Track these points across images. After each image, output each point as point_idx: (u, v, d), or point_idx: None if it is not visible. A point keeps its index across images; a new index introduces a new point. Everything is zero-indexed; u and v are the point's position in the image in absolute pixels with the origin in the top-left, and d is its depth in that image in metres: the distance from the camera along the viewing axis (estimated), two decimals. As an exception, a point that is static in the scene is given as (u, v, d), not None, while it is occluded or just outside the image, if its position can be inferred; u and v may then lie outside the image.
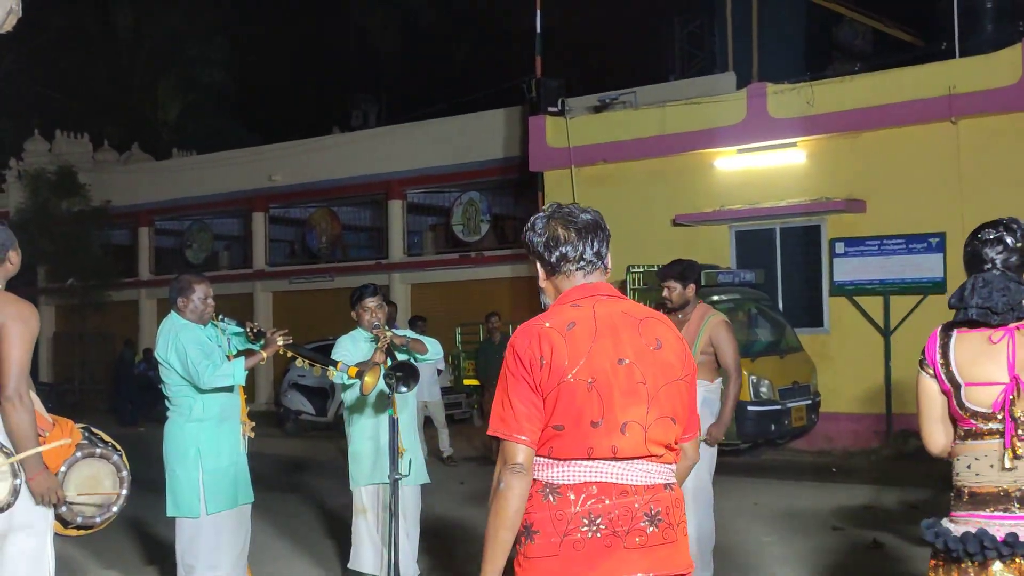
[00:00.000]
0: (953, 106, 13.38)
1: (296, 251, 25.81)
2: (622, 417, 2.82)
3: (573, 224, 3.02)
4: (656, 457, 2.88)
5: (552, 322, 2.88)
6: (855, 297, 14.17)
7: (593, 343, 2.86)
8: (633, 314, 2.99)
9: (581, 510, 2.82)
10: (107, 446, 4.40)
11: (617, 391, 2.83)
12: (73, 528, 4.30)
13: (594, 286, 3.02)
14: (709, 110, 15.39)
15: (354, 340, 6.44)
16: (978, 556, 3.19)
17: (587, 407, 2.81)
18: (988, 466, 3.28)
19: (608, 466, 2.83)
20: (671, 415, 2.90)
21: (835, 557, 7.62)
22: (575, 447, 2.82)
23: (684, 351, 3.00)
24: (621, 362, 2.85)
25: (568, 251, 2.99)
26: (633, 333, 2.91)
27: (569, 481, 2.84)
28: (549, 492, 2.84)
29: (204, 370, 5.39)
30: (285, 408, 18.70)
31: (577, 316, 2.90)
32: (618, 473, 2.83)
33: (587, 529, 2.80)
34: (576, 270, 3.01)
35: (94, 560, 7.92)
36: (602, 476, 2.83)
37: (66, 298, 26.27)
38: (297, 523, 9.45)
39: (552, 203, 3.10)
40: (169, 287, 5.78)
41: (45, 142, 28.88)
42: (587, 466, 2.83)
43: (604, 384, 2.82)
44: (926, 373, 3.40)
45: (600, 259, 3.06)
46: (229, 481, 5.62)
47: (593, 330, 2.88)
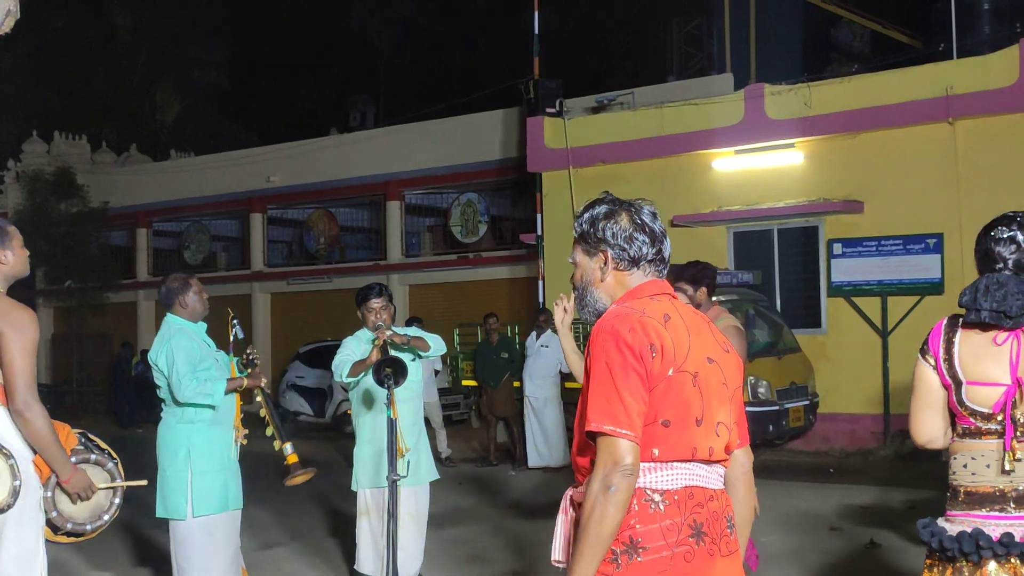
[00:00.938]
0: (950, 107, 13.39)
1: (294, 252, 25.81)
2: (717, 417, 2.71)
3: (647, 222, 2.89)
4: (726, 461, 2.79)
5: (645, 312, 2.69)
6: (853, 298, 14.18)
7: (690, 337, 2.71)
8: (701, 316, 2.88)
9: (688, 518, 2.63)
10: (103, 453, 4.38)
11: (712, 390, 2.71)
12: (63, 535, 4.28)
13: (664, 284, 2.87)
14: (707, 111, 15.40)
15: (358, 340, 6.43)
16: (973, 556, 3.17)
17: (694, 403, 2.65)
18: (985, 466, 3.25)
19: (700, 469, 2.68)
20: (736, 421, 2.81)
21: (833, 557, 7.63)
22: (681, 447, 2.63)
23: (741, 362, 2.93)
24: (709, 360, 2.74)
25: (648, 249, 2.85)
26: (709, 334, 2.80)
27: (674, 486, 2.64)
28: (656, 499, 2.62)
29: (187, 385, 5.38)
30: (283, 409, 18.70)
31: (666, 309, 2.74)
32: (707, 476, 2.70)
33: (695, 539, 2.62)
34: (652, 269, 2.86)
35: (89, 562, 7.92)
36: (698, 480, 2.68)
37: (64, 299, 26.25)
38: (296, 525, 9.45)
39: (607, 193, 2.97)
40: (162, 290, 5.72)
41: (43, 143, 28.87)
42: (686, 469, 2.66)
43: (704, 380, 2.69)
44: (927, 363, 3.35)
45: (665, 263, 2.92)
46: (219, 485, 5.58)
47: (685, 325, 2.74)
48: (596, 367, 2.63)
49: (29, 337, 3.97)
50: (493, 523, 9.43)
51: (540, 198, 17.18)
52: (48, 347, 27.72)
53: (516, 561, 7.84)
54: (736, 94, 15.66)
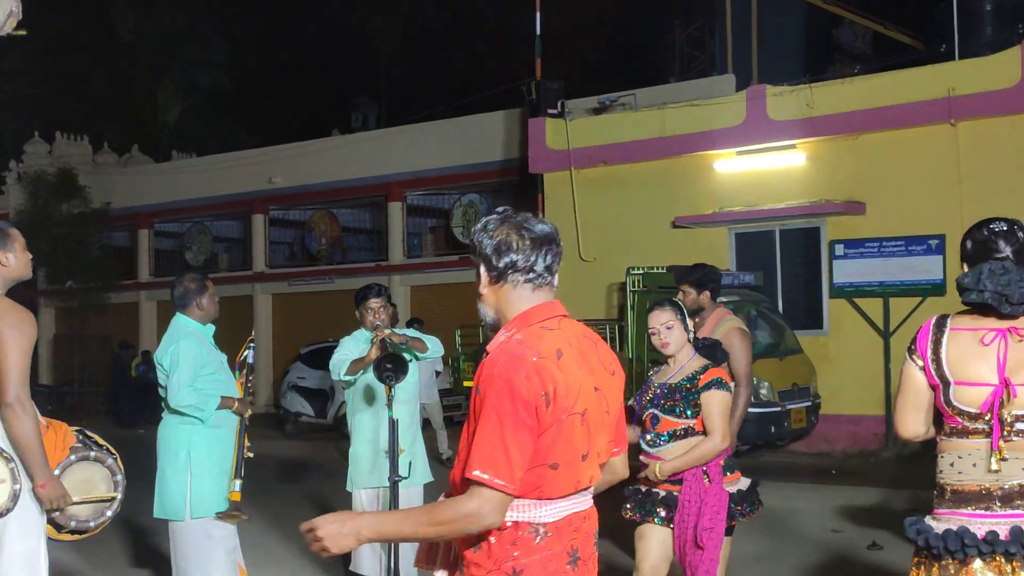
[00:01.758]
0: (952, 108, 13.38)
1: (296, 253, 25.80)
2: (596, 447, 2.70)
3: (528, 232, 2.75)
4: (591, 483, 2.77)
5: (539, 351, 2.61)
6: (855, 299, 14.17)
7: (579, 371, 2.66)
8: (590, 337, 2.81)
9: (566, 547, 2.65)
10: (102, 450, 4.38)
11: (596, 422, 2.69)
12: (67, 533, 4.28)
13: (555, 305, 2.78)
14: (709, 112, 15.39)
15: (356, 341, 6.41)
16: (958, 553, 3.19)
17: (580, 441, 2.63)
18: (971, 465, 3.27)
19: (574, 496, 2.69)
20: (612, 439, 2.81)
21: (834, 559, 7.62)
22: (567, 484, 2.64)
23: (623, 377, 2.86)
24: (596, 390, 2.69)
25: (519, 260, 2.73)
26: (596, 358, 2.75)
27: (556, 518, 2.64)
28: (538, 532, 2.63)
29: (183, 394, 5.38)
30: (285, 410, 18.68)
31: (559, 342, 2.67)
32: (581, 500, 2.71)
33: (571, 566, 2.66)
34: (524, 282, 2.74)
35: (89, 562, 7.91)
36: (575, 507, 2.69)
37: (66, 300, 26.26)
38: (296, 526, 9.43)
39: (506, 207, 2.87)
40: (178, 290, 5.66)
41: (45, 144, 28.88)
42: (568, 501, 2.67)
43: (591, 416, 2.67)
44: (914, 363, 3.35)
45: (551, 275, 2.81)
46: (218, 488, 5.58)
47: (576, 357, 2.68)
48: (486, 413, 2.57)
49: (27, 338, 3.97)
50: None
51: (542, 199, 17.17)
52: (49, 348, 27.73)
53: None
54: (738, 95, 15.66)
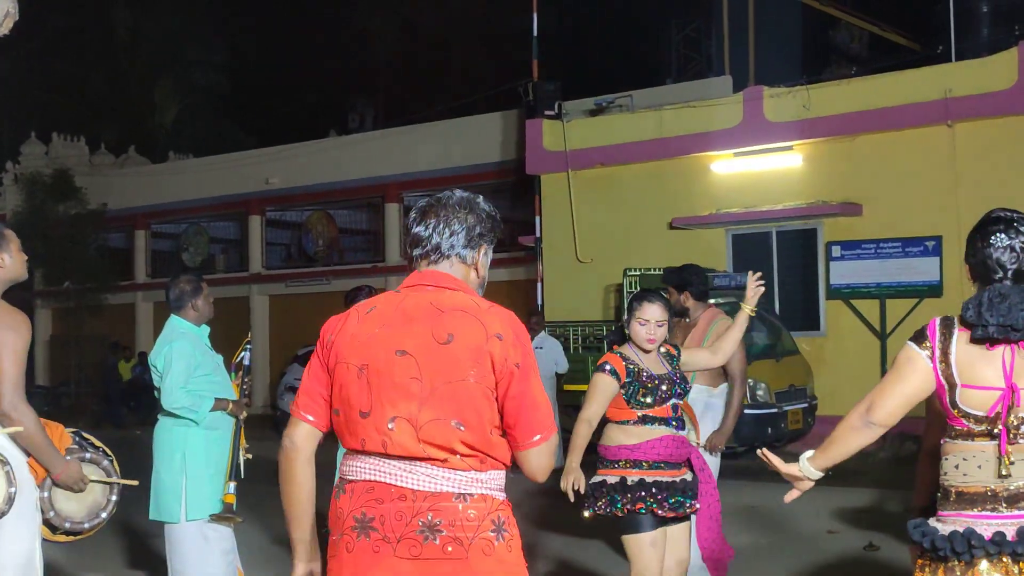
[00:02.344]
0: (949, 110, 13.39)
1: (293, 254, 25.78)
2: (391, 412, 2.61)
3: (432, 208, 2.82)
4: (439, 462, 2.60)
5: (359, 306, 2.77)
6: (851, 300, 14.18)
7: (379, 329, 2.67)
8: (440, 306, 2.67)
9: (354, 508, 2.64)
10: (97, 451, 4.37)
11: (389, 383, 2.62)
12: (61, 534, 4.28)
13: (424, 274, 2.77)
14: (706, 113, 15.40)
15: None
16: (965, 555, 3.14)
17: (356, 395, 2.64)
18: (976, 467, 3.23)
19: (385, 464, 2.63)
20: (454, 417, 2.59)
21: (830, 560, 7.62)
22: (349, 437, 2.69)
23: (482, 351, 2.62)
24: (399, 353, 2.62)
25: (420, 232, 2.80)
26: (427, 325, 2.64)
27: (352, 477, 2.68)
28: (339, 488, 2.72)
29: (177, 396, 5.35)
30: (281, 411, 18.67)
31: (384, 301, 2.75)
32: (397, 474, 2.62)
33: (357, 531, 2.62)
34: (419, 256, 2.79)
35: (85, 564, 7.90)
36: (380, 475, 2.63)
37: (62, 301, 26.23)
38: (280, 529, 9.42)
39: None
40: (173, 291, 5.64)
41: (42, 145, 28.85)
42: (368, 462, 2.65)
43: (375, 373, 2.63)
44: (922, 351, 3.23)
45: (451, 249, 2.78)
46: (214, 490, 5.57)
47: (387, 317, 2.68)
48: None
49: (22, 341, 3.96)
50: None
51: (539, 200, 17.18)
52: (46, 349, 27.70)
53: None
54: (735, 96, 15.68)
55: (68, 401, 24.49)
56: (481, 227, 2.83)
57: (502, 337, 2.63)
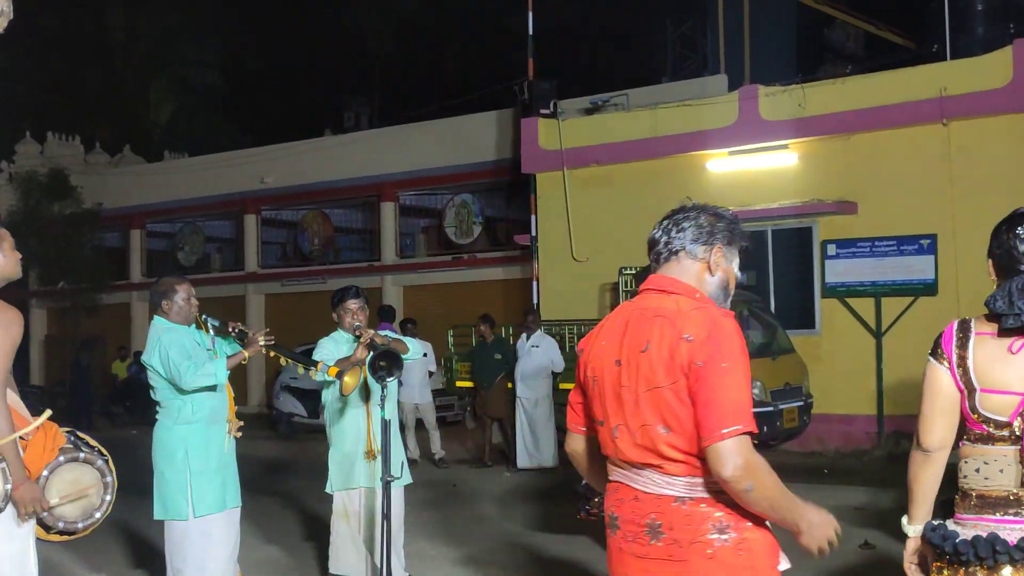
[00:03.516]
0: (944, 108, 13.41)
1: (288, 253, 25.77)
2: (615, 420, 2.79)
3: (669, 215, 2.94)
4: (657, 467, 2.72)
5: (603, 321, 2.97)
6: (847, 299, 14.20)
7: (606, 341, 2.84)
8: (648, 313, 2.78)
9: (608, 505, 2.88)
10: (92, 450, 4.35)
11: (611, 393, 2.79)
12: (55, 533, 4.26)
13: (651, 279, 2.89)
14: (701, 112, 15.42)
15: (335, 342, 6.36)
16: (989, 560, 3.10)
17: (595, 406, 2.87)
18: (998, 471, 3.18)
19: (624, 468, 2.83)
20: (661, 423, 2.69)
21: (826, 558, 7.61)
22: (603, 445, 2.90)
23: (672, 357, 2.70)
24: (616, 363, 2.79)
25: (651, 237, 2.93)
26: (636, 332, 2.76)
27: (612, 478, 2.90)
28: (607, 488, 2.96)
29: (185, 371, 5.38)
30: (277, 411, 18.68)
31: (617, 310, 2.92)
32: (632, 477, 2.80)
33: (610, 528, 2.87)
34: (652, 260, 2.92)
35: (82, 564, 7.90)
36: (622, 477, 2.84)
37: (57, 301, 26.19)
38: (289, 526, 9.43)
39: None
40: (150, 292, 5.80)
41: (36, 144, 28.80)
42: (612, 466, 2.88)
43: (603, 384, 2.82)
44: (940, 364, 3.21)
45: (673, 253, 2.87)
46: (217, 484, 5.61)
47: (611, 327, 2.85)
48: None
49: (10, 336, 3.93)
50: (485, 524, 9.42)
51: (534, 199, 17.18)
52: (41, 348, 27.67)
53: (507, 562, 7.84)
54: (730, 95, 15.68)
55: (63, 401, 24.43)
56: (714, 227, 2.88)
57: (691, 338, 2.67)
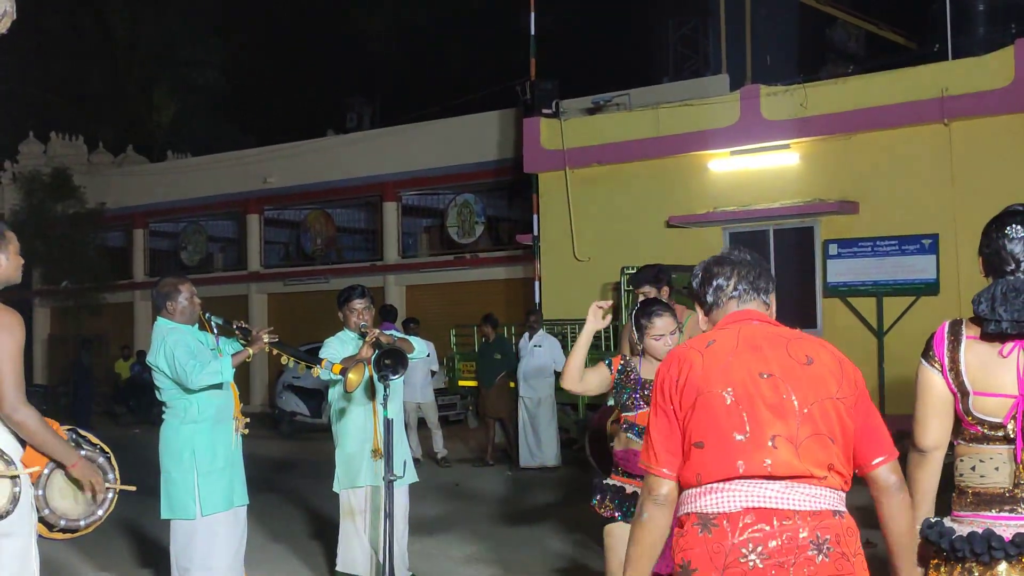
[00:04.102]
0: (946, 108, 13.42)
1: (291, 253, 25.80)
2: (769, 431, 2.71)
3: (728, 261, 3.09)
4: (819, 480, 2.73)
5: (693, 343, 2.94)
6: (848, 298, 14.21)
7: (732, 357, 2.82)
8: (783, 335, 2.95)
9: (739, 541, 2.67)
10: (94, 448, 4.36)
11: (761, 404, 2.74)
12: (58, 532, 4.28)
13: (746, 312, 3.01)
14: (703, 112, 15.43)
15: (342, 341, 6.38)
16: (984, 556, 3.12)
17: (728, 420, 2.74)
18: (994, 469, 3.19)
19: (764, 488, 2.70)
20: (828, 434, 2.75)
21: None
22: (722, 464, 2.72)
23: (842, 370, 2.88)
24: (763, 376, 2.78)
25: (721, 282, 3.04)
26: (779, 350, 2.86)
27: (723, 509, 2.71)
28: (703, 524, 2.72)
29: (192, 370, 5.40)
30: (280, 410, 18.70)
31: (719, 335, 2.92)
32: (777, 497, 2.70)
33: (746, 561, 2.66)
34: (728, 300, 3.03)
35: (89, 563, 7.92)
36: (758, 501, 2.69)
37: (61, 300, 26.24)
38: (293, 525, 9.45)
39: None
40: (152, 294, 5.81)
41: (40, 144, 28.86)
42: (741, 490, 2.70)
43: (745, 397, 2.75)
44: (932, 367, 3.21)
45: (756, 291, 3.05)
46: (224, 483, 5.64)
47: (733, 346, 2.86)
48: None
49: (15, 339, 3.95)
50: (486, 523, 9.44)
51: (537, 199, 17.20)
52: (44, 348, 27.72)
53: (508, 561, 7.86)
54: (732, 95, 15.69)
55: (66, 400, 24.47)
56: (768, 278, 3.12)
57: (844, 362, 2.91)
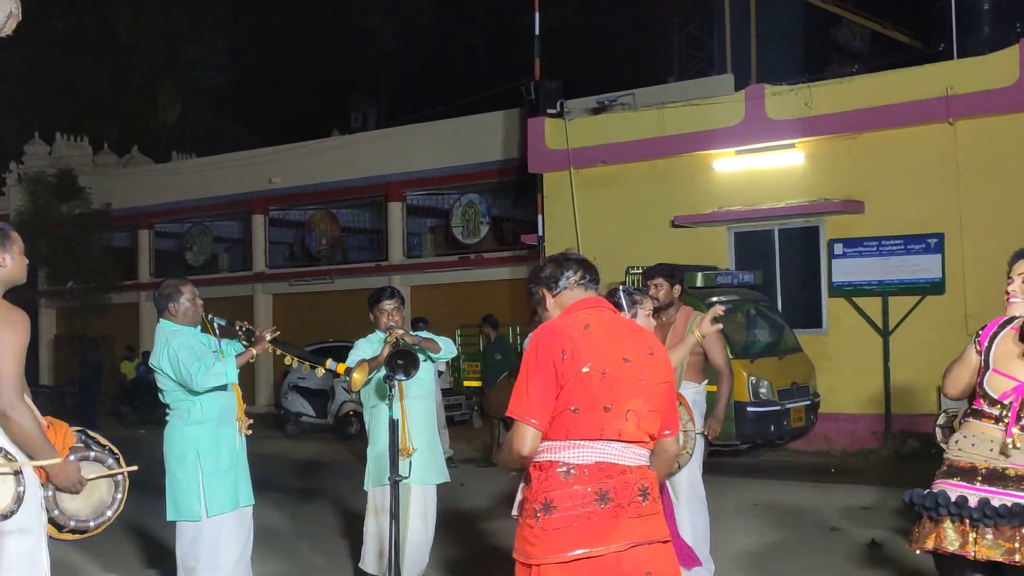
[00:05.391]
0: (951, 107, 13.40)
1: (296, 253, 25.83)
2: (626, 405, 3.41)
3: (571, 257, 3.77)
4: (644, 443, 3.49)
5: (570, 324, 3.52)
6: (854, 298, 14.19)
7: (605, 343, 3.46)
8: (631, 327, 3.68)
9: (594, 487, 3.36)
10: (103, 449, 4.37)
11: (623, 383, 3.42)
12: (67, 532, 4.28)
13: (596, 300, 3.67)
14: (707, 111, 15.41)
15: (370, 342, 6.41)
16: (932, 512, 3.83)
17: (600, 394, 3.39)
18: (971, 445, 3.86)
19: (612, 448, 3.40)
20: (658, 410, 3.51)
21: (833, 557, 7.64)
22: (590, 428, 3.39)
23: (668, 361, 3.65)
24: (625, 360, 3.46)
25: (570, 273, 3.70)
26: (634, 340, 3.55)
27: (583, 461, 3.39)
28: (566, 471, 3.39)
29: (196, 372, 5.40)
30: (285, 410, 18.71)
31: (589, 320, 3.53)
32: (620, 455, 3.41)
33: (599, 503, 3.35)
34: (576, 287, 3.69)
35: (95, 564, 7.94)
36: (608, 457, 3.40)
37: (66, 301, 26.28)
38: (297, 525, 9.47)
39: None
40: (154, 296, 5.81)
41: (45, 145, 28.90)
42: (597, 448, 3.40)
43: (614, 377, 3.41)
44: (974, 345, 3.99)
45: (595, 283, 3.73)
46: (229, 483, 5.65)
47: (604, 334, 3.50)
48: (521, 367, 3.53)
49: (19, 336, 3.96)
50: (492, 522, 9.44)
51: (541, 199, 17.19)
52: (50, 348, 27.77)
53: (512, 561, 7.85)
54: (737, 95, 15.67)
55: (72, 400, 24.51)
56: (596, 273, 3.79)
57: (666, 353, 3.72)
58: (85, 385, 22.07)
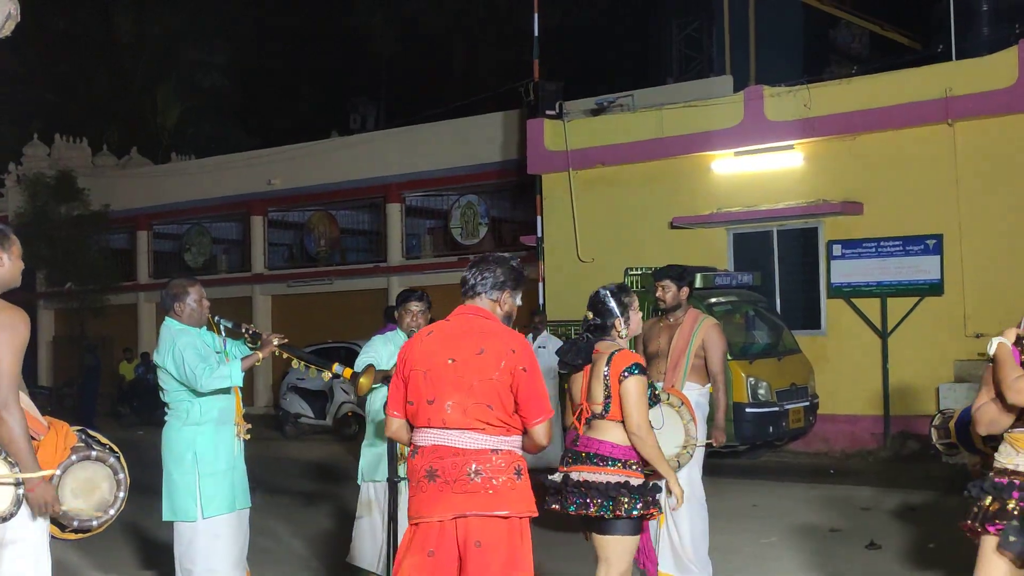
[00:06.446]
0: (950, 108, 13.40)
1: (295, 255, 25.81)
2: (447, 399, 3.95)
3: (484, 260, 4.27)
4: (480, 430, 3.93)
5: (421, 331, 4.24)
6: (852, 299, 14.19)
7: (436, 346, 4.05)
8: (475, 329, 4.06)
9: (425, 464, 3.96)
10: (104, 448, 4.37)
11: (444, 381, 3.97)
12: (70, 532, 4.28)
13: (468, 307, 4.17)
14: (706, 113, 15.42)
15: (386, 341, 6.39)
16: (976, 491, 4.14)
17: (424, 389, 4.00)
18: (997, 450, 4.14)
19: (447, 434, 3.95)
20: (487, 402, 3.93)
21: (833, 559, 7.64)
22: (421, 418, 4.02)
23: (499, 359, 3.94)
24: (450, 361, 3.98)
25: (467, 277, 4.24)
26: (465, 342, 4.02)
27: (423, 444, 4.01)
28: (414, 452, 4.04)
29: (201, 373, 5.41)
30: (284, 411, 18.70)
31: (439, 327, 4.16)
32: (453, 439, 3.94)
33: (427, 478, 3.93)
34: (464, 293, 4.23)
35: (93, 564, 7.93)
36: (441, 441, 3.96)
37: (65, 302, 26.26)
38: (296, 526, 9.46)
39: None
40: (161, 294, 5.83)
41: (44, 146, 28.87)
42: (432, 433, 3.98)
43: (435, 376, 3.99)
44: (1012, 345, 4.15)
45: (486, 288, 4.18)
46: (226, 485, 5.64)
47: (439, 338, 4.08)
48: None
49: (18, 336, 3.95)
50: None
51: (540, 200, 17.19)
52: (49, 350, 27.75)
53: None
54: (735, 96, 15.68)
55: (71, 402, 24.50)
56: (506, 277, 4.20)
57: (515, 351, 4.01)
58: (84, 387, 22.07)
